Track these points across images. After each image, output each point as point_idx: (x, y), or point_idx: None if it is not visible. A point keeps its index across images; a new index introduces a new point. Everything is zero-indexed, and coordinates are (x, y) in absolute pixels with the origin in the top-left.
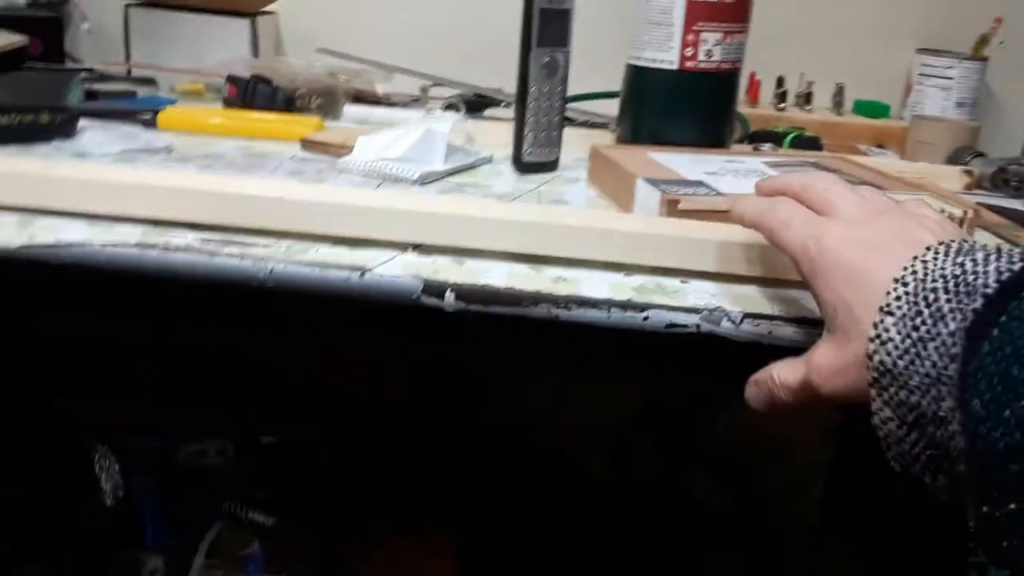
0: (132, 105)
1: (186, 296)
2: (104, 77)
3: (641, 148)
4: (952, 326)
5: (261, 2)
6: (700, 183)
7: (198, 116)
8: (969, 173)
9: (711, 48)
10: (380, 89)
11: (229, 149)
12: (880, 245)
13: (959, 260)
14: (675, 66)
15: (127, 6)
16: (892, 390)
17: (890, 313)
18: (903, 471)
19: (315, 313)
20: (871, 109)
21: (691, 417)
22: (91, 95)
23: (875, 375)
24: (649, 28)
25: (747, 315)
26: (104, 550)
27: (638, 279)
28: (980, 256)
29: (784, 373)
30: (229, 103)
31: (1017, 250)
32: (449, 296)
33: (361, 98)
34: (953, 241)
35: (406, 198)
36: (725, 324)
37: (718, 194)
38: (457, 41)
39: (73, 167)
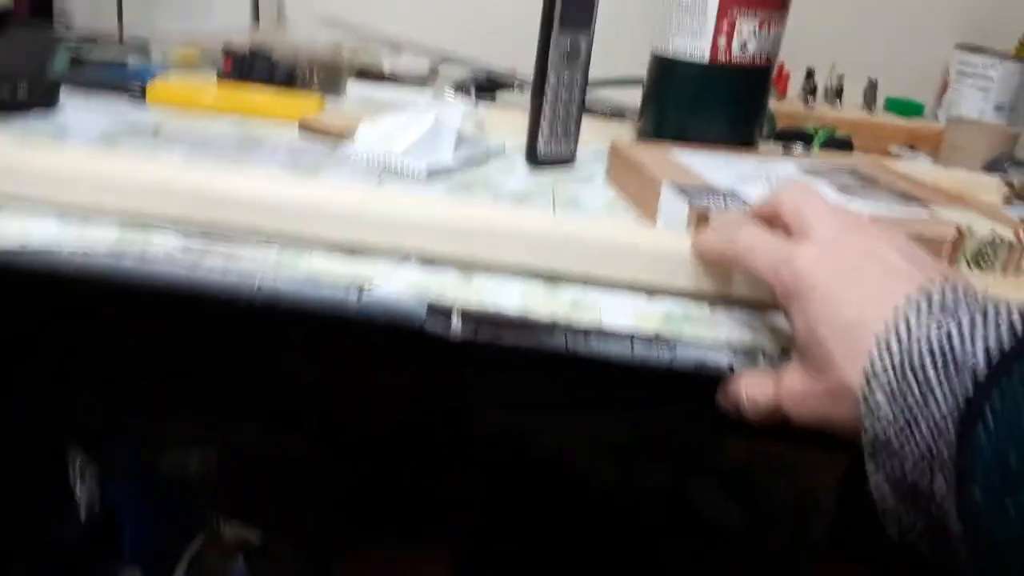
0: (120, 77)
1: (166, 305)
2: (94, 41)
3: (665, 146)
4: (943, 407)
5: None
6: (731, 193)
7: (190, 91)
8: (1009, 184)
9: (746, 40)
10: (387, 66)
11: (222, 129)
12: (853, 269)
13: (943, 325)
14: (706, 58)
15: None
16: (888, 464)
17: (877, 380)
18: (900, 540)
19: (308, 329)
20: (904, 108)
21: (699, 430)
22: (78, 62)
23: (870, 448)
24: (679, 14)
25: (786, 351)
26: (80, 560)
27: (664, 305)
28: (966, 322)
29: (754, 391)
30: (225, 77)
31: (1003, 313)
32: (456, 322)
33: (366, 73)
34: (933, 287)
35: (410, 203)
36: (762, 364)
37: (751, 207)
38: (470, 17)
39: (44, 153)
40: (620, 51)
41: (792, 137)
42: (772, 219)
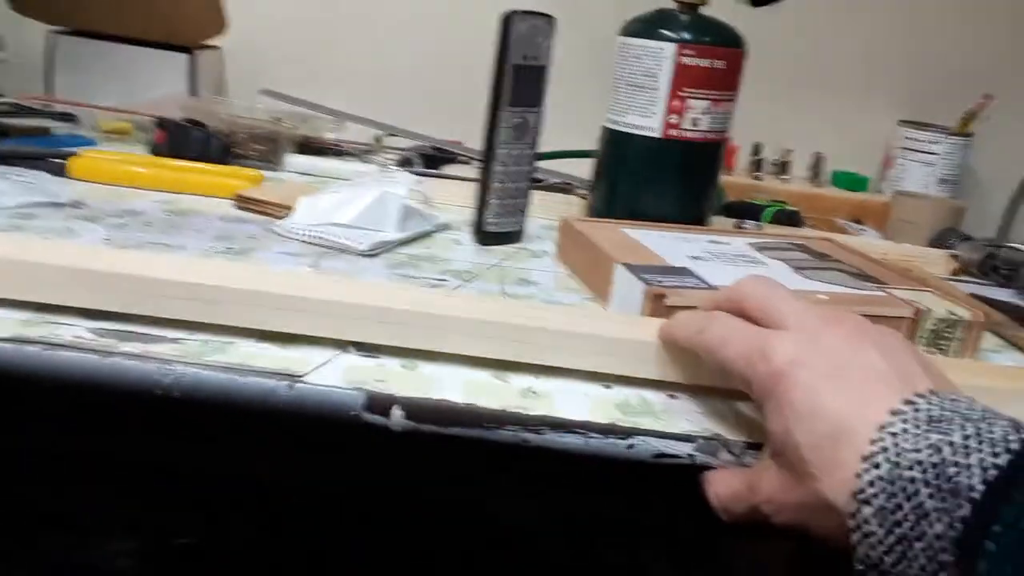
0: (41, 147)
1: (77, 398)
2: (19, 109)
3: (616, 223)
4: (939, 528)
5: (202, 34)
6: (686, 271)
7: (116, 164)
8: (955, 257)
9: (697, 116)
10: (329, 137)
11: (149, 205)
12: (833, 371)
13: (933, 441)
14: (658, 133)
15: (52, 32)
16: None
17: (866, 502)
18: None
19: (235, 425)
20: (850, 181)
21: (658, 513)
22: (0, 132)
23: (861, 568)
24: (631, 91)
25: (750, 445)
26: None
27: (620, 392)
28: (958, 439)
29: (726, 496)
30: (157, 150)
31: (997, 428)
32: (397, 414)
33: (308, 145)
34: (920, 398)
35: (347, 288)
36: (724, 456)
37: (707, 286)
38: (415, 89)
39: None
40: (565, 123)
41: (741, 210)
42: (736, 313)
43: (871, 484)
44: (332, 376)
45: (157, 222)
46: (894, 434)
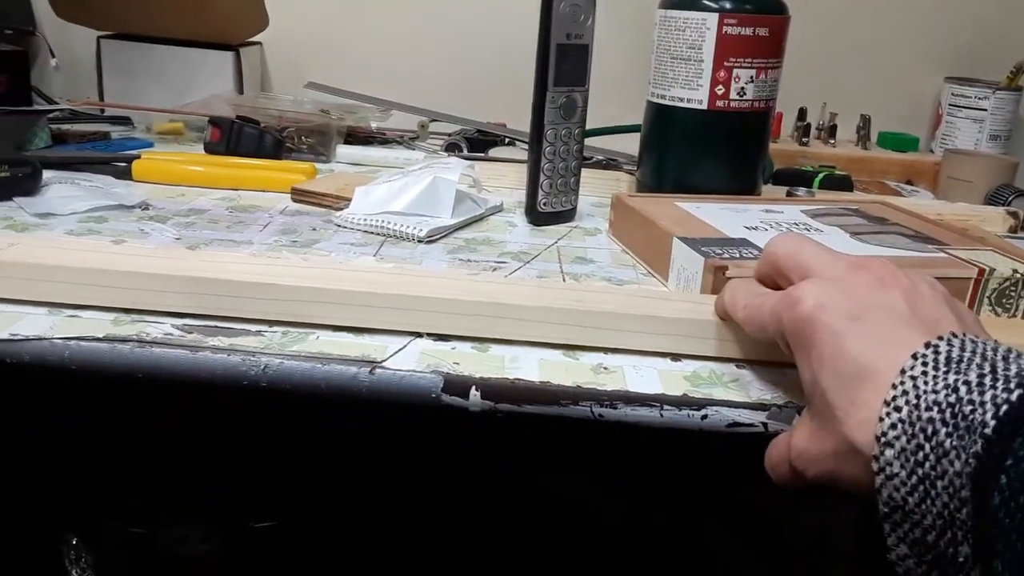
0: (104, 152)
1: (166, 391)
2: (75, 115)
3: (668, 197)
4: (958, 465)
5: (245, 32)
6: (744, 242)
7: (177, 166)
8: (1014, 215)
9: (744, 86)
10: (374, 125)
11: (211, 203)
12: (858, 313)
13: (951, 381)
14: (704, 105)
15: (100, 38)
16: (906, 527)
17: (889, 444)
18: None
19: (317, 410)
20: (898, 142)
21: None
22: (59, 138)
23: (886, 510)
24: (675, 64)
25: None
26: None
27: (690, 365)
28: (974, 378)
29: (773, 457)
30: (211, 148)
31: (1013, 366)
32: (474, 395)
33: (354, 135)
34: (941, 340)
35: (420, 282)
36: (797, 421)
37: None
38: (456, 73)
39: (28, 251)
40: (609, 99)
41: (790, 178)
42: (772, 278)
43: (893, 427)
44: (409, 361)
45: (222, 219)
46: (914, 377)
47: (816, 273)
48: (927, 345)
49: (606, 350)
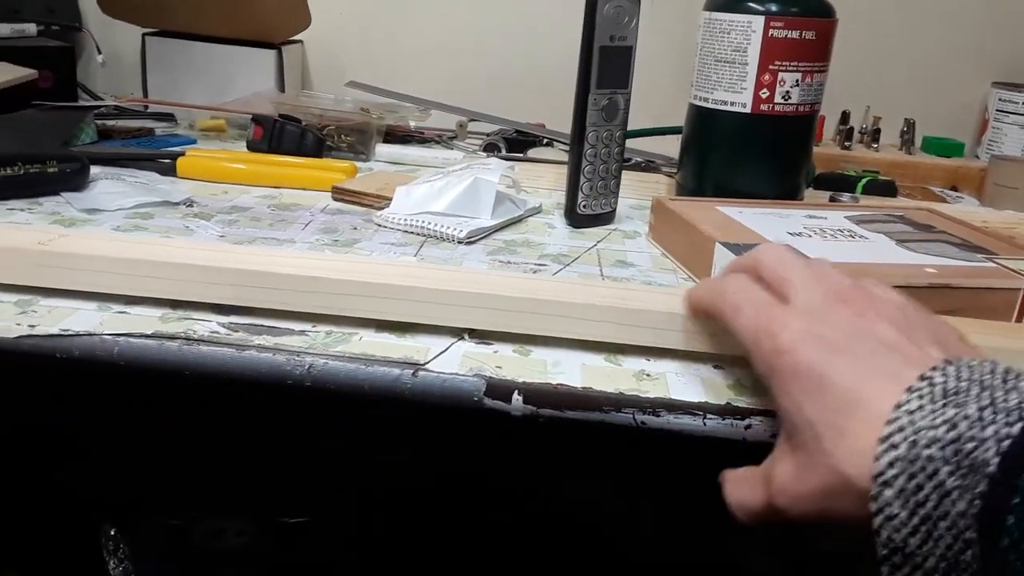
0: (149, 148)
1: (211, 388)
2: (120, 111)
3: (709, 201)
4: (961, 506)
5: (288, 31)
6: (788, 249)
7: (220, 163)
8: None
9: (789, 89)
10: (413, 124)
11: (254, 201)
12: (841, 345)
13: (950, 416)
14: (748, 109)
15: (144, 35)
16: (907, 569)
17: (887, 484)
18: None
19: (357, 410)
20: (943, 147)
21: None
22: (104, 134)
23: (885, 552)
24: (719, 67)
25: None
26: None
27: (731, 373)
28: (974, 412)
29: (742, 494)
30: (254, 146)
31: (1013, 397)
32: (516, 399)
33: (392, 134)
34: (935, 371)
35: (463, 277)
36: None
37: None
38: (496, 73)
39: (78, 241)
40: (647, 100)
41: (833, 182)
42: (754, 276)
43: (890, 465)
44: (451, 363)
45: (264, 217)
46: (910, 412)
47: (798, 296)
48: (921, 377)
49: (648, 355)
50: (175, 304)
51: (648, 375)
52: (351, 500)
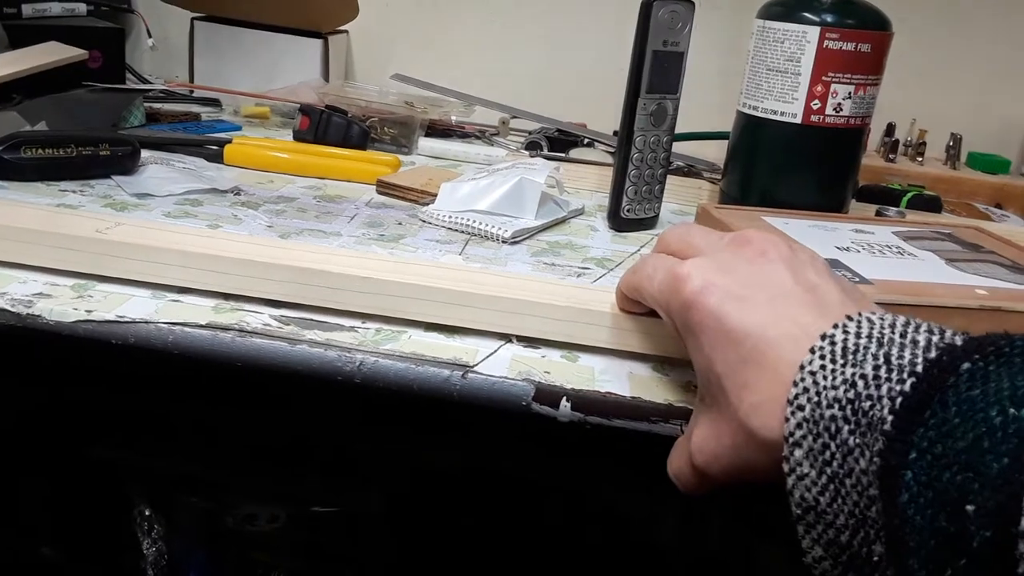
0: (197, 134)
1: (260, 379)
2: (167, 94)
3: (755, 210)
4: (863, 463)
5: (336, 20)
6: (837, 263)
7: (267, 152)
8: None
9: (840, 101)
10: (454, 119)
11: (299, 191)
12: (742, 292)
13: (848, 376)
14: (798, 119)
15: (193, 19)
16: (819, 528)
17: (797, 444)
18: None
19: (404, 408)
20: (989, 164)
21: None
22: (152, 117)
23: (799, 512)
24: (770, 76)
25: None
26: None
27: None
28: (870, 370)
29: (673, 461)
30: (300, 136)
31: (907, 355)
32: (564, 405)
33: (433, 128)
34: (836, 329)
35: (513, 284)
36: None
37: (861, 279)
38: (540, 72)
39: (135, 231)
40: (693, 104)
41: (876, 194)
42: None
43: (799, 426)
44: (499, 367)
45: (310, 208)
46: (813, 372)
47: (703, 252)
48: (823, 337)
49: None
50: (226, 295)
51: (696, 387)
52: (386, 494)
